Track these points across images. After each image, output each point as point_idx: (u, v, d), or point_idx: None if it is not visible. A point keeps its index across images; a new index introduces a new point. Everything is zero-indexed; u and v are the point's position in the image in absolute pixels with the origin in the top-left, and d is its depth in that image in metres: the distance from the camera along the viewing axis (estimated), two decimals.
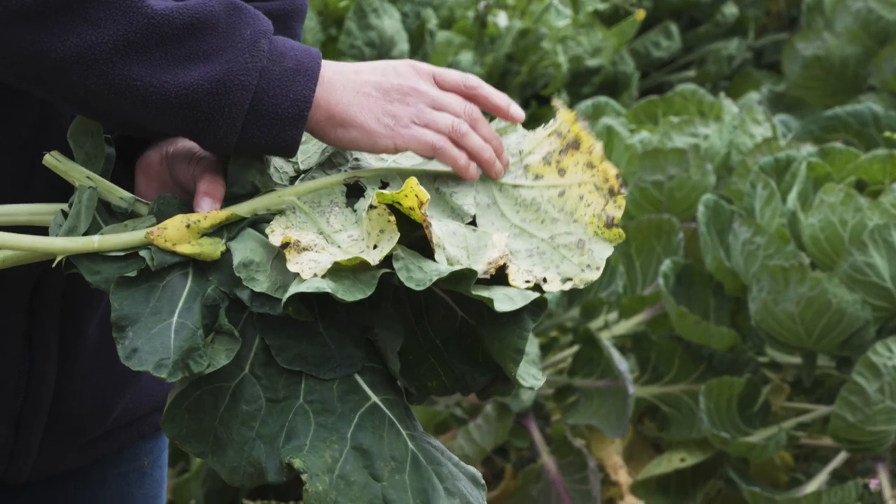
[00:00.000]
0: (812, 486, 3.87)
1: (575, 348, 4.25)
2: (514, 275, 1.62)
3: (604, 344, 4.04)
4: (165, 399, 2.05)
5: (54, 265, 1.64)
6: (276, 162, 1.74)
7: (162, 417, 1.61)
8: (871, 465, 3.97)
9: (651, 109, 5.03)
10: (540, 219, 1.68)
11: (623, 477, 4.16)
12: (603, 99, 5.02)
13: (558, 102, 1.72)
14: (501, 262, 1.62)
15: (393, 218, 1.61)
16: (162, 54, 1.58)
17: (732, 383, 3.93)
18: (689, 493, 4.11)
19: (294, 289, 1.57)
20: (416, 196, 1.60)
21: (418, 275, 1.57)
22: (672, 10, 7.11)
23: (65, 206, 1.68)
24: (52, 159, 1.68)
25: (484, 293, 1.57)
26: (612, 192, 1.67)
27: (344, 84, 1.67)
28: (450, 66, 5.39)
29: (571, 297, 4.36)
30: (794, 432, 4.01)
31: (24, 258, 1.66)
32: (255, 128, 1.63)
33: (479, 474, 1.69)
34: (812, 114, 5.59)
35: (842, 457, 3.99)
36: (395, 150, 1.69)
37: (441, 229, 1.64)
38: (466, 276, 1.57)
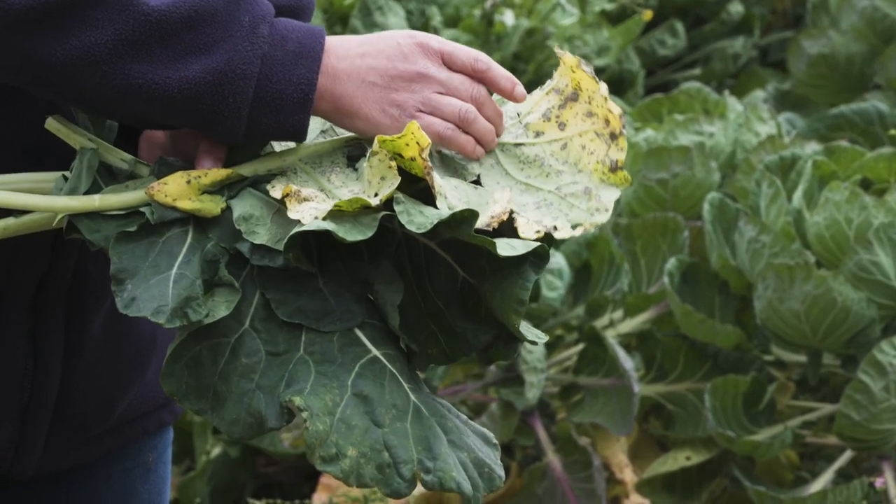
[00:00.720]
0: (817, 485, 3.87)
1: (580, 346, 4.24)
2: (523, 226, 1.63)
3: (609, 342, 4.04)
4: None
5: (55, 224, 1.64)
6: None
7: (160, 372, 1.60)
8: (877, 463, 3.96)
9: (656, 108, 5.03)
10: (545, 173, 1.69)
11: (628, 475, 4.16)
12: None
13: (560, 51, 1.72)
14: (504, 217, 1.62)
15: (394, 164, 1.61)
16: (162, 50, 1.58)
17: (738, 382, 3.93)
18: (694, 492, 4.11)
19: (296, 229, 1.57)
20: (417, 142, 1.60)
21: (419, 218, 1.57)
22: (678, 8, 7.10)
23: (66, 173, 1.68)
24: (54, 122, 1.69)
25: (486, 238, 1.57)
26: (613, 136, 1.68)
27: (349, 73, 1.66)
28: None
29: (576, 295, 4.36)
30: (799, 431, 4.01)
31: (29, 225, 1.66)
32: (262, 115, 1.62)
33: (491, 435, 1.69)
34: (817, 112, 5.58)
35: (847, 455, 3.99)
36: None
37: (443, 181, 1.65)
38: (467, 218, 1.57)
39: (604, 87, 1.69)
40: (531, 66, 5.78)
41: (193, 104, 1.60)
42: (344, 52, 1.67)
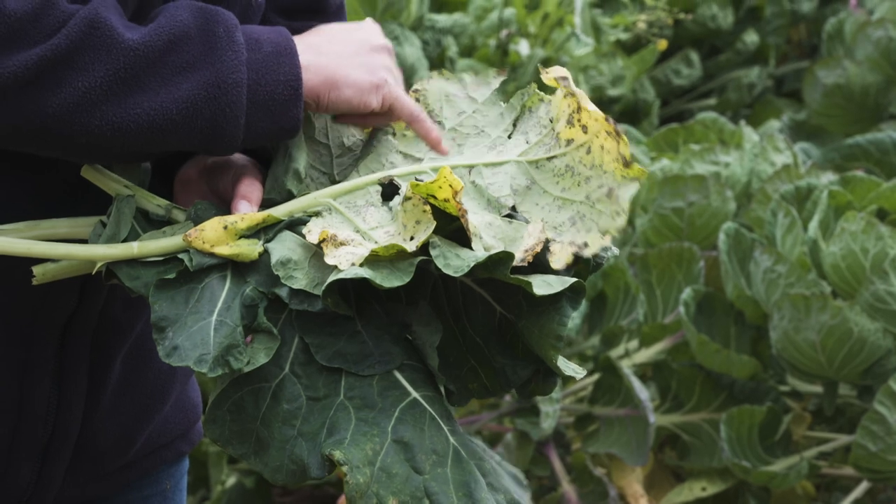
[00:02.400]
0: None
1: (595, 376, 4.24)
2: (557, 253, 1.63)
3: (624, 372, 4.03)
4: (188, 427, 2.07)
5: (94, 272, 1.65)
6: (313, 174, 1.75)
7: (203, 418, 1.60)
8: (893, 494, 3.95)
9: (672, 137, 5.04)
10: (577, 182, 1.69)
11: None
12: (623, 126, 5.03)
13: (546, 73, 1.73)
14: (538, 249, 1.62)
15: (428, 208, 1.62)
16: (152, 78, 1.60)
17: (753, 412, 3.92)
18: None
19: (333, 277, 1.57)
20: (451, 186, 1.60)
21: (455, 262, 1.58)
22: (693, 38, 7.12)
23: (104, 218, 1.69)
24: (89, 170, 1.70)
25: (522, 277, 1.57)
26: (617, 133, 1.68)
27: (321, 60, 1.71)
28: None
29: (592, 325, 4.36)
30: (815, 461, 4.00)
31: (67, 270, 1.66)
32: (258, 118, 1.65)
33: (521, 474, 1.69)
34: (833, 142, 5.59)
35: (863, 486, 3.97)
36: (384, 104, 1.73)
37: (477, 220, 1.65)
38: (504, 259, 1.57)
39: (581, 93, 1.71)
40: None
41: (193, 121, 1.61)
42: (310, 43, 1.72)
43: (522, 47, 5.85)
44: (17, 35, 1.57)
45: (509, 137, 1.75)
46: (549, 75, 1.71)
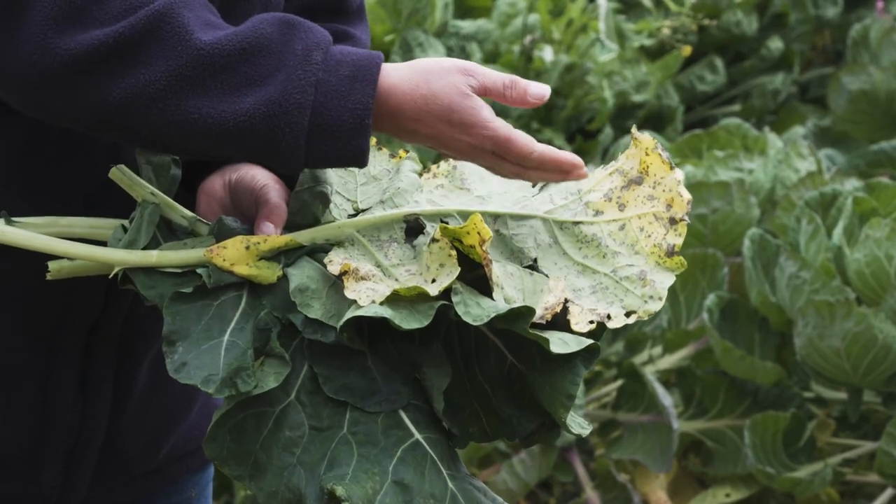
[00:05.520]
0: None
1: (619, 383, 4.24)
2: (577, 317, 1.62)
3: (648, 378, 4.03)
4: None
5: (111, 276, 1.65)
6: (337, 199, 1.74)
7: (205, 437, 1.61)
8: None
9: (696, 143, 5.03)
10: (602, 253, 1.68)
11: None
12: (647, 133, 5.03)
13: (638, 132, 1.70)
14: (558, 309, 1.62)
15: (454, 252, 1.62)
16: (216, 84, 1.58)
17: (777, 419, 3.91)
18: None
19: (352, 312, 1.57)
20: (479, 233, 1.60)
21: (476, 310, 1.58)
22: (717, 44, 7.10)
23: (125, 222, 1.69)
24: (117, 172, 1.70)
25: (540, 334, 1.57)
26: (672, 221, 1.67)
27: (406, 94, 1.63)
28: (494, 101, 5.40)
29: (615, 331, 4.35)
30: (839, 468, 3.99)
31: (83, 269, 1.66)
32: (320, 142, 1.60)
33: None
34: (858, 148, 5.57)
35: (889, 493, 3.96)
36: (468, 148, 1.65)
37: (499, 270, 1.65)
38: (524, 314, 1.57)
39: (679, 174, 1.68)
40: (570, 101, 5.79)
41: (250, 135, 1.58)
42: (401, 74, 1.64)
43: (547, 53, 5.85)
44: (78, 13, 1.56)
45: (538, 192, 1.75)
46: (641, 135, 1.70)
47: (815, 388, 4.13)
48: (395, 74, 1.63)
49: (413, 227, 1.71)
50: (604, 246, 1.68)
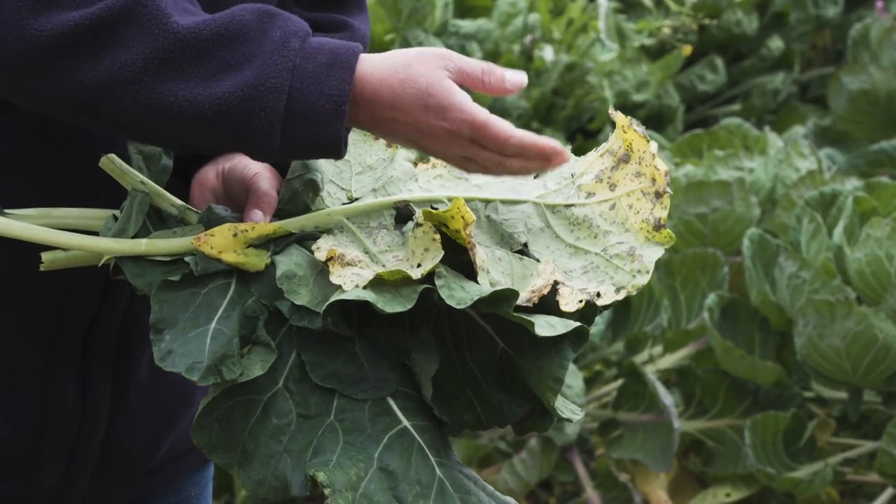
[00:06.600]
0: None
1: (619, 382, 4.24)
2: (566, 297, 1.63)
3: (648, 378, 4.03)
4: None
5: (100, 265, 1.65)
6: (331, 188, 1.74)
7: (192, 424, 1.60)
8: None
9: (696, 143, 5.03)
10: (593, 234, 1.69)
11: None
12: (647, 132, 5.02)
13: (613, 111, 1.71)
14: (545, 291, 1.62)
15: (438, 236, 1.62)
16: (193, 68, 1.57)
17: (778, 418, 3.91)
18: None
19: (335, 297, 1.57)
20: (463, 217, 1.60)
21: (459, 293, 1.57)
22: (717, 43, 7.10)
23: (116, 212, 1.69)
24: (108, 162, 1.69)
25: (525, 317, 1.57)
26: (657, 195, 1.68)
27: (383, 81, 1.62)
28: (495, 101, 5.41)
29: (616, 330, 4.36)
30: (840, 468, 3.99)
31: (76, 260, 1.66)
32: (295, 128, 1.59)
33: None
34: (858, 148, 5.57)
35: (889, 493, 3.96)
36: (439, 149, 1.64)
37: (486, 254, 1.65)
38: (507, 296, 1.57)
39: (653, 146, 1.69)
40: (570, 101, 5.79)
41: (225, 120, 1.57)
42: (378, 62, 1.63)
43: (547, 53, 5.85)
44: None
45: (533, 179, 1.75)
46: (618, 115, 1.70)
47: (816, 387, 4.13)
48: (373, 62, 1.62)
49: (403, 214, 1.71)
50: (595, 226, 1.69)
